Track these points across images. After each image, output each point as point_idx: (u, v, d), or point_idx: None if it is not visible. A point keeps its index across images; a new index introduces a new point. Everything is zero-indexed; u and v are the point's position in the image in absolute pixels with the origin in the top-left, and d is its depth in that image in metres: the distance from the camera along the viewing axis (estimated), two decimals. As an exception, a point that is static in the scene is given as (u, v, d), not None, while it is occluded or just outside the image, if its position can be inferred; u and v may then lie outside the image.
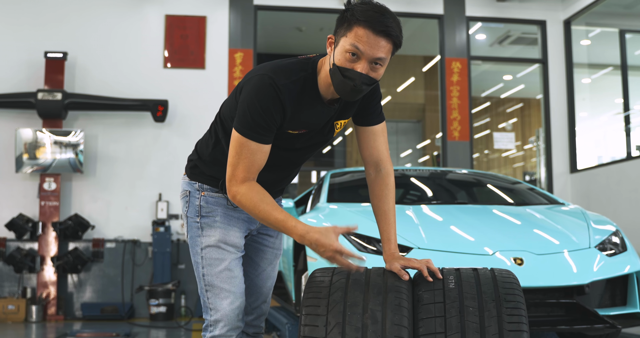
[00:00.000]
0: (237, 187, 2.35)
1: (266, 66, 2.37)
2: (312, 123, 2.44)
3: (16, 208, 8.74)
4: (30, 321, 8.21)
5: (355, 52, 2.22)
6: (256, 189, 2.35)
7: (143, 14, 9.33)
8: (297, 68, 2.36)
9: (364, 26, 2.19)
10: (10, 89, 8.85)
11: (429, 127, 13.03)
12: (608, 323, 4.13)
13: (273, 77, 2.30)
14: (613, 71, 10.23)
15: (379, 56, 2.22)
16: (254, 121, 2.31)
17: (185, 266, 8.88)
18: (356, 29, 2.21)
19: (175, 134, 9.14)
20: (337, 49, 2.26)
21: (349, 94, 2.29)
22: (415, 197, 5.93)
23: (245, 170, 2.35)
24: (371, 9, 2.21)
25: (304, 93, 2.36)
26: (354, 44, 2.21)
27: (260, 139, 2.33)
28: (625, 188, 8.44)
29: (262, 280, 2.74)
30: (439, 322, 2.16)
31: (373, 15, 2.19)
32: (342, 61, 2.24)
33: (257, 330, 2.77)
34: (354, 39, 2.21)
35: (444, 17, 9.86)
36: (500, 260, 4.24)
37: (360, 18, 2.19)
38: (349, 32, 2.22)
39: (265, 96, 2.29)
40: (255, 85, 2.32)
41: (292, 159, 2.58)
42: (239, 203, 2.37)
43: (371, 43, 2.20)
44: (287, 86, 2.31)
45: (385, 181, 2.56)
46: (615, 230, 4.80)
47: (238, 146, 2.34)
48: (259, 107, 2.29)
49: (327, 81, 2.36)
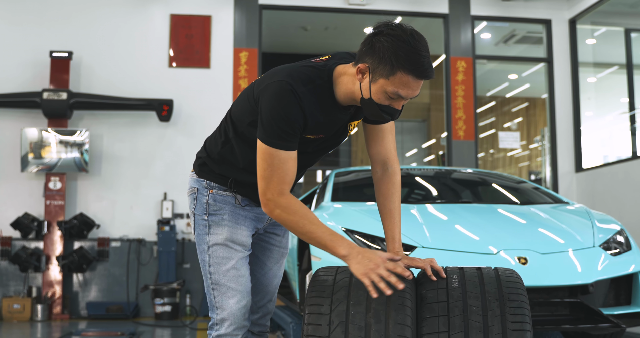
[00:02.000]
0: (275, 201, 2.31)
1: (282, 72, 2.33)
2: (328, 128, 2.42)
3: (22, 207, 8.76)
4: (35, 320, 8.23)
5: (396, 97, 2.21)
6: (297, 204, 2.32)
7: (148, 14, 9.35)
8: (313, 75, 2.33)
9: (408, 73, 2.16)
10: (16, 89, 8.87)
11: (434, 126, 13.02)
12: (612, 323, 4.12)
13: (292, 84, 2.27)
14: (618, 70, 10.22)
15: (416, 94, 2.24)
16: (280, 129, 2.27)
17: (191, 265, 8.90)
18: (400, 75, 2.16)
19: (180, 133, 9.15)
20: (376, 87, 2.21)
21: (382, 120, 2.32)
22: (420, 196, 5.93)
23: (280, 182, 2.32)
24: (414, 50, 2.15)
25: (321, 100, 2.34)
26: (396, 92, 2.19)
27: (288, 146, 2.30)
28: (631, 188, 8.42)
29: (269, 278, 2.74)
30: (443, 321, 2.15)
31: (418, 60, 2.14)
32: (381, 99, 2.23)
33: (263, 328, 2.77)
34: (398, 86, 2.18)
35: (449, 16, 9.86)
36: (504, 259, 4.23)
37: (407, 66, 2.15)
38: (392, 77, 2.17)
39: (288, 103, 2.26)
40: (275, 93, 2.28)
41: (304, 162, 2.55)
42: (278, 218, 2.33)
43: (414, 88, 2.20)
44: (305, 93, 2.29)
45: (391, 179, 2.56)
46: (619, 229, 4.79)
47: (268, 157, 2.30)
48: (283, 114, 2.26)
49: (347, 95, 2.33)
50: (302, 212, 2.30)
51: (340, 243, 2.25)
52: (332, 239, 2.26)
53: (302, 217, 2.29)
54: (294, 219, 2.29)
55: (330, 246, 2.26)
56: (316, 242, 2.28)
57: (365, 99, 2.25)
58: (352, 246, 2.24)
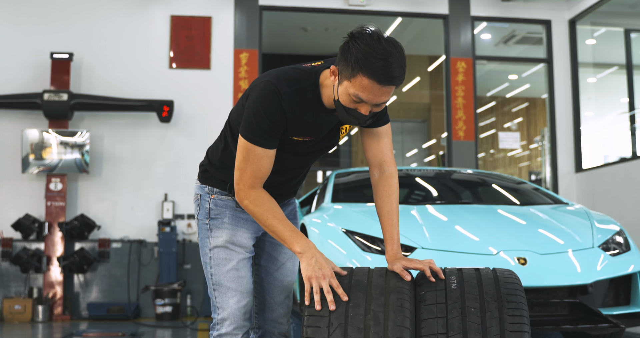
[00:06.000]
0: (245, 192, 2.43)
1: (271, 74, 2.41)
2: (316, 131, 2.48)
3: (22, 209, 8.77)
4: (36, 321, 8.24)
5: (358, 100, 2.23)
6: (265, 198, 2.43)
7: (149, 15, 9.36)
8: (300, 77, 2.39)
9: (368, 77, 2.15)
10: (17, 90, 8.88)
11: (434, 127, 13.04)
12: (612, 323, 4.14)
13: (276, 84, 2.34)
14: (618, 70, 10.22)
15: (382, 101, 2.24)
16: (259, 127, 2.36)
17: (191, 266, 8.90)
18: (360, 78, 2.17)
19: (181, 134, 9.17)
20: (342, 89, 2.25)
21: (352, 123, 2.35)
22: (420, 197, 5.95)
23: (252, 176, 2.42)
24: (374, 54, 2.14)
25: (306, 102, 2.39)
26: (357, 94, 2.20)
27: (265, 144, 2.39)
28: (631, 188, 8.43)
29: (283, 274, 2.78)
30: (441, 323, 2.17)
31: (379, 66, 2.13)
32: (346, 101, 2.26)
33: (282, 328, 2.79)
34: (358, 89, 2.19)
35: (449, 17, 9.87)
36: (504, 259, 4.25)
37: (365, 69, 2.14)
38: (353, 79, 2.19)
39: (269, 102, 2.34)
40: (259, 92, 2.37)
41: (298, 163, 2.62)
42: (246, 208, 2.44)
43: (375, 93, 2.19)
44: (288, 94, 2.35)
45: (389, 182, 2.59)
46: (619, 229, 4.81)
47: (245, 151, 2.40)
48: (262, 113, 2.34)
49: (328, 93, 2.39)
50: (268, 206, 2.42)
51: (299, 241, 2.37)
52: (291, 235, 2.38)
53: (267, 210, 2.41)
54: (260, 211, 2.41)
55: (289, 241, 2.38)
56: (277, 236, 2.41)
57: (335, 101, 2.31)
58: (310, 246, 2.35)
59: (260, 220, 2.42)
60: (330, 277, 2.26)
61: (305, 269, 2.29)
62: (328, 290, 2.23)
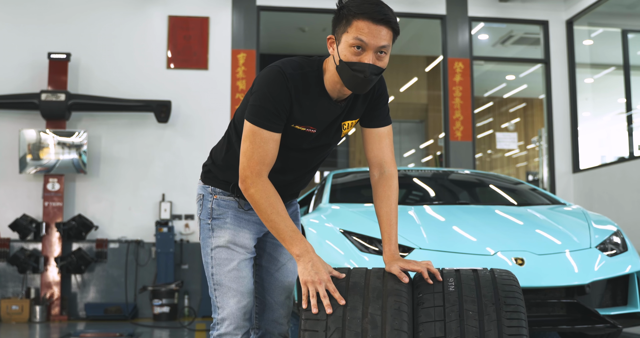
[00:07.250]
0: (252, 179, 2.40)
1: (275, 62, 2.47)
2: (320, 120, 2.49)
3: (20, 209, 8.77)
4: (34, 321, 8.24)
5: (360, 44, 2.30)
6: (272, 190, 2.41)
7: (146, 15, 9.35)
8: (304, 64, 2.46)
9: (363, 18, 2.28)
10: (14, 90, 8.88)
11: (431, 127, 13.05)
12: (609, 323, 4.14)
13: (281, 67, 2.40)
14: (615, 70, 10.24)
15: (382, 44, 2.31)
16: (265, 109, 2.38)
17: (189, 266, 8.90)
18: (356, 22, 2.29)
19: (179, 134, 9.16)
20: (341, 46, 2.34)
21: (360, 87, 2.36)
22: (418, 197, 5.95)
23: (259, 161, 2.40)
24: (365, 1, 2.30)
25: (310, 86, 2.44)
26: (357, 37, 2.29)
27: (271, 127, 2.39)
28: (628, 188, 8.44)
29: (283, 274, 2.78)
30: (439, 326, 2.16)
31: (369, 7, 2.28)
32: (348, 56, 2.32)
33: (282, 329, 2.78)
34: (356, 32, 2.29)
35: (447, 17, 9.87)
36: (501, 260, 4.25)
37: (358, 11, 2.28)
38: (349, 28, 2.31)
39: (274, 83, 2.38)
40: (264, 75, 2.42)
41: (302, 161, 2.62)
42: (250, 197, 2.41)
43: (373, 33, 2.28)
44: (294, 76, 2.40)
45: (388, 182, 2.60)
46: (616, 230, 4.81)
47: (251, 135, 2.40)
48: (268, 94, 2.37)
49: (333, 80, 2.43)
50: (273, 199, 2.39)
51: (298, 243, 2.35)
52: (292, 236, 2.37)
53: (271, 205, 2.38)
54: (264, 204, 2.38)
55: (288, 242, 2.36)
56: (277, 233, 2.39)
57: (338, 66, 2.36)
58: (309, 250, 2.34)
59: (263, 213, 2.39)
60: (326, 281, 2.26)
61: (302, 273, 2.29)
62: (324, 295, 2.23)
